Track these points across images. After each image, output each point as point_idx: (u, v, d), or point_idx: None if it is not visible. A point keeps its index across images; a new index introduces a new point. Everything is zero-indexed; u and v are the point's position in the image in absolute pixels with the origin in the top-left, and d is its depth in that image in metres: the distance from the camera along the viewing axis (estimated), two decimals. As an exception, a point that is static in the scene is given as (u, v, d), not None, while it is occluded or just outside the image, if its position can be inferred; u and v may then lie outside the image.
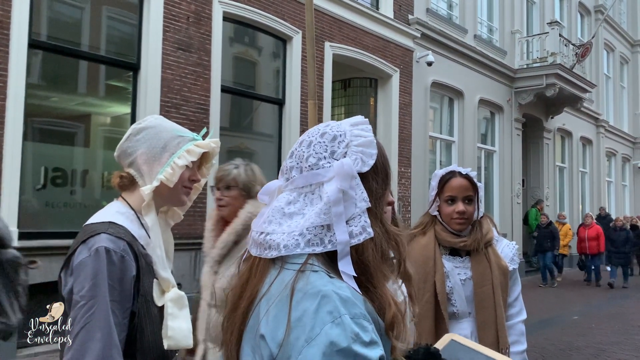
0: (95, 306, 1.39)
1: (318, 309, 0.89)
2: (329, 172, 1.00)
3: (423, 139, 11.58)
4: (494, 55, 13.92)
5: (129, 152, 1.63)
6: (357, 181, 1.01)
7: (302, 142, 1.07)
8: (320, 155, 1.03)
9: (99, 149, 7.00)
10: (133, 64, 6.95)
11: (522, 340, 2.20)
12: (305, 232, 0.98)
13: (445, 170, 2.17)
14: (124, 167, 1.66)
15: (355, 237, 0.98)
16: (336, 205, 0.97)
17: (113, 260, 1.44)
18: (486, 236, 2.12)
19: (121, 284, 1.45)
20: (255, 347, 0.96)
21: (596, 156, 19.87)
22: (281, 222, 1.01)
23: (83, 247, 1.47)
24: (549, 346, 6.95)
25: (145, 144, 1.61)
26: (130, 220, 1.58)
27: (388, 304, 1.00)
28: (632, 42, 23.24)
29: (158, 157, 1.60)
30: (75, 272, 1.45)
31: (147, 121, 1.67)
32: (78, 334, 1.38)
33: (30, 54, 6.00)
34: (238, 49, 8.79)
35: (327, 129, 1.06)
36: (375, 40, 10.41)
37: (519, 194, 14.92)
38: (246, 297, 1.01)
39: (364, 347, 0.88)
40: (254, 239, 1.04)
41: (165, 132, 1.63)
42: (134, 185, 1.63)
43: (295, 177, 1.04)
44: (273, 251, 0.99)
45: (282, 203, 1.03)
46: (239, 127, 8.75)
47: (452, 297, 2.08)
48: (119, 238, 1.49)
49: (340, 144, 1.04)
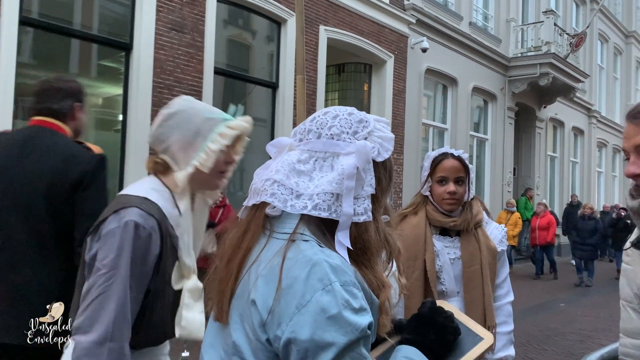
0: (114, 277, 1.40)
1: (309, 276, 0.91)
2: (349, 147, 1.03)
3: (416, 126, 11.59)
4: (489, 43, 13.91)
5: (162, 138, 1.62)
6: (370, 166, 1.04)
7: (327, 112, 1.09)
8: (344, 130, 1.05)
9: (91, 129, 6.95)
10: (125, 44, 6.88)
11: (509, 321, 2.24)
12: (315, 197, 1.00)
13: (438, 152, 2.19)
14: (157, 152, 1.66)
15: (357, 216, 1.01)
16: (349, 179, 1.00)
17: (140, 236, 1.45)
18: (476, 217, 2.14)
19: (143, 261, 1.46)
20: (245, 314, 0.97)
21: (587, 146, 19.99)
22: (289, 175, 1.02)
23: (114, 216, 1.48)
24: (535, 332, 7.04)
25: (178, 130, 1.60)
26: (164, 198, 1.58)
27: (382, 284, 1.03)
28: (626, 33, 23.28)
29: (191, 143, 1.59)
30: (102, 239, 1.45)
31: (177, 105, 1.65)
32: (93, 300, 1.39)
33: (21, 31, 5.92)
34: (232, 31, 8.73)
35: (355, 111, 1.10)
36: (370, 25, 10.36)
37: (510, 182, 15.01)
38: (243, 248, 1.03)
39: (354, 314, 0.90)
40: (256, 188, 1.05)
41: (196, 116, 1.61)
42: (168, 169, 1.63)
43: (312, 140, 1.06)
44: (277, 201, 1.00)
45: (293, 158, 1.05)
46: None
47: (441, 275, 2.11)
48: (150, 215, 1.50)
49: (364, 128, 1.07)
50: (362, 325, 0.90)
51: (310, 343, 0.88)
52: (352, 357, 0.89)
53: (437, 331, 1.11)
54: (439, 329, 1.11)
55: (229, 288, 1.02)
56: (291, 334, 0.89)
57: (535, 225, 12.19)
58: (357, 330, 0.89)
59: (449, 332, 1.12)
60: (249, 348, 0.95)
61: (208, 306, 1.08)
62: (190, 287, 1.58)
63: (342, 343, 0.88)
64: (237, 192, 8.44)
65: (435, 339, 1.10)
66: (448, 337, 1.12)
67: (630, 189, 1.43)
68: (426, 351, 1.07)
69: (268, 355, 0.93)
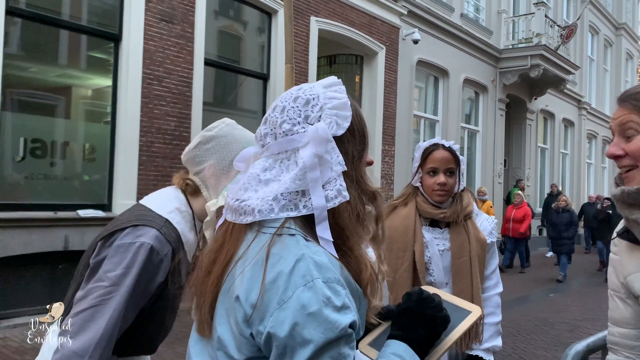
0: (114, 294, 1.38)
1: (292, 272, 0.90)
2: (304, 138, 1.00)
3: (407, 118, 11.59)
4: (480, 34, 13.92)
5: (197, 160, 1.59)
6: (332, 145, 1.00)
7: (275, 107, 1.05)
8: (294, 121, 1.02)
9: (80, 120, 6.89)
10: (115, 34, 6.82)
11: (497, 312, 2.24)
12: (280, 197, 0.97)
13: (429, 142, 2.19)
14: (190, 172, 1.63)
15: (331, 201, 0.98)
16: (312, 170, 0.97)
17: (152, 260, 1.42)
18: (466, 209, 2.15)
19: (147, 285, 1.44)
20: (230, 309, 0.96)
21: (577, 138, 20.11)
22: (257, 188, 1.01)
23: (132, 231, 1.44)
24: (524, 322, 7.11)
25: (215, 156, 1.57)
26: (185, 220, 1.56)
27: (364, 264, 1.01)
28: (616, 25, 23.37)
29: (226, 171, 1.56)
30: (114, 250, 1.42)
31: (218, 128, 1.61)
32: (86, 310, 1.37)
33: (8, 21, 5.85)
34: (222, 22, 8.67)
35: (300, 93, 1.05)
36: (362, 16, 10.33)
37: (501, 174, 15.08)
38: (220, 260, 1.01)
39: (334, 312, 0.89)
40: (230, 205, 1.03)
41: (235, 143, 1.58)
42: (197, 192, 1.60)
43: (270, 144, 1.03)
44: (248, 216, 0.99)
45: (257, 170, 1.03)
46: (222, 102, 8.65)
47: (430, 267, 2.11)
48: (168, 242, 1.47)
49: (313, 107, 1.03)
50: (342, 324, 0.88)
51: (289, 339, 0.87)
52: (332, 356, 0.87)
53: (426, 325, 1.08)
54: (427, 322, 1.09)
55: (208, 301, 1.00)
56: (271, 329, 0.88)
57: (511, 216, 11.62)
58: (337, 329, 0.87)
59: (438, 324, 1.10)
60: (233, 342, 0.94)
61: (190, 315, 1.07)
62: None
63: (321, 341, 0.86)
64: (228, 184, 8.42)
65: (425, 333, 1.08)
66: (438, 330, 1.10)
67: (616, 177, 1.43)
68: (416, 346, 1.05)
69: (251, 349, 0.93)
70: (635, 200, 1.32)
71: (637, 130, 1.32)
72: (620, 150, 1.34)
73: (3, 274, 5.65)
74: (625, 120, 1.33)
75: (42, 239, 5.90)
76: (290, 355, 0.87)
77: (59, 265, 5.95)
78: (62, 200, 6.29)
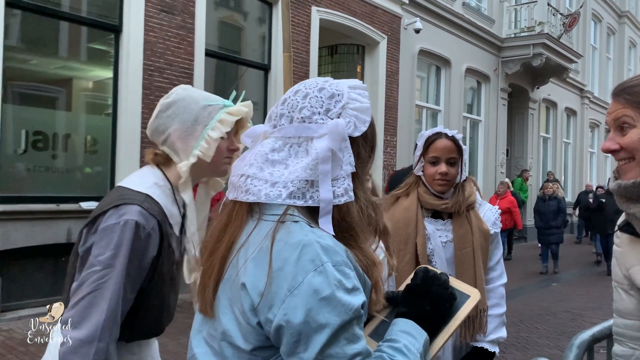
0: (109, 276, 1.37)
1: (300, 258, 0.90)
2: (321, 129, 1.00)
3: (409, 108, 11.55)
4: (482, 23, 13.83)
5: (160, 129, 1.58)
6: (347, 144, 1.00)
7: (297, 91, 1.05)
8: (315, 110, 1.01)
9: (81, 112, 6.88)
10: (115, 26, 6.78)
11: (501, 303, 2.23)
12: (289, 185, 0.97)
13: (432, 131, 2.16)
14: (157, 144, 1.62)
15: (337, 198, 0.98)
16: (324, 163, 0.97)
17: (139, 236, 1.41)
18: (468, 199, 2.12)
19: (140, 262, 1.43)
20: (234, 299, 0.96)
21: (580, 127, 20.03)
22: (263, 167, 1.00)
23: (114, 212, 1.43)
24: (527, 311, 7.12)
25: (176, 120, 1.56)
26: (165, 194, 1.55)
27: (372, 262, 1.02)
28: (619, 13, 23.19)
29: (191, 132, 1.55)
30: (100, 234, 1.41)
31: (175, 94, 1.60)
32: (85, 296, 1.36)
33: (8, 13, 5.82)
34: (223, 13, 8.62)
35: (326, 85, 1.04)
36: (363, 6, 10.26)
37: (503, 163, 15.05)
38: (225, 241, 1.01)
39: (346, 294, 0.89)
40: (233, 182, 1.03)
41: (194, 104, 1.58)
42: (169, 161, 1.59)
43: (285, 126, 1.02)
44: (252, 196, 0.98)
45: (266, 149, 1.02)
46: (223, 93, 8.54)
47: (433, 259, 2.09)
48: (151, 215, 1.46)
49: (337, 103, 1.03)
50: (355, 305, 0.90)
51: (304, 325, 0.87)
52: (346, 338, 0.89)
53: (432, 301, 1.09)
54: (433, 298, 1.09)
55: (212, 281, 1.00)
56: (284, 317, 0.88)
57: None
58: (351, 311, 0.89)
59: (444, 300, 1.11)
60: (239, 332, 0.94)
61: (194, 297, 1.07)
62: None
63: (336, 324, 0.87)
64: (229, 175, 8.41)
65: (431, 309, 1.08)
66: (443, 305, 1.10)
67: (614, 170, 1.43)
68: (423, 322, 1.06)
69: (259, 338, 0.93)
70: (631, 194, 1.33)
71: (632, 124, 1.32)
72: (616, 144, 1.34)
73: (6, 267, 5.66)
74: (619, 115, 1.34)
75: (44, 231, 5.91)
76: (306, 341, 0.88)
77: (61, 258, 5.96)
78: (64, 192, 6.29)
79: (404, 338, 1.02)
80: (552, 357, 4.88)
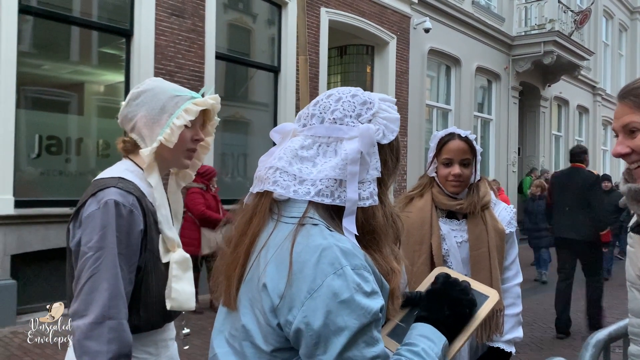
0: (102, 257, 1.40)
1: (319, 261, 0.91)
2: (352, 131, 1.02)
3: (419, 108, 11.52)
4: (492, 22, 13.76)
5: (129, 117, 1.64)
6: (375, 149, 1.03)
7: (330, 95, 1.08)
8: (347, 113, 1.04)
9: (93, 116, 6.94)
10: (126, 30, 6.84)
11: (517, 302, 2.21)
12: (318, 183, 0.99)
13: (445, 132, 2.16)
14: (127, 132, 1.67)
15: (362, 201, 0.99)
16: (353, 164, 0.99)
17: (122, 214, 1.45)
18: (483, 199, 2.12)
19: (128, 238, 1.46)
20: (255, 299, 0.97)
21: (592, 125, 19.87)
22: (292, 162, 1.02)
23: (92, 200, 1.48)
24: (540, 311, 7.07)
25: (144, 107, 1.61)
26: (139, 178, 1.59)
27: (392, 269, 1.03)
28: (631, 9, 22.98)
29: (157, 119, 1.60)
30: (84, 224, 1.46)
31: (146, 84, 1.66)
32: (85, 284, 1.39)
33: (21, 20, 5.88)
34: (232, 15, 8.65)
35: (359, 92, 1.08)
36: (372, 6, 10.25)
37: (515, 162, 14.96)
38: (249, 234, 1.03)
39: (365, 297, 0.90)
40: (259, 176, 1.05)
41: (163, 94, 1.62)
42: (138, 148, 1.64)
43: (315, 125, 1.05)
44: (280, 189, 1.00)
45: (295, 145, 1.04)
46: (234, 96, 8.65)
47: (448, 259, 2.09)
48: (129, 192, 1.50)
49: (368, 110, 1.05)
50: (374, 309, 0.90)
51: (323, 328, 0.88)
52: (365, 341, 0.89)
53: (451, 306, 1.10)
54: (453, 303, 1.10)
55: (237, 273, 1.02)
56: (303, 319, 0.88)
57: None
58: (370, 314, 0.89)
59: (464, 306, 1.11)
60: (259, 332, 0.95)
61: (216, 292, 1.08)
62: (177, 259, 1.59)
63: (355, 327, 0.88)
64: (239, 177, 8.44)
65: (450, 314, 1.09)
66: (463, 311, 1.11)
67: (624, 172, 1.43)
68: (442, 327, 1.06)
69: (278, 339, 0.94)
70: None
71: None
72: (627, 148, 1.35)
73: (22, 270, 5.72)
74: (627, 121, 1.34)
75: (59, 234, 5.96)
76: (325, 344, 0.88)
77: (76, 261, 6.01)
78: (77, 196, 6.25)
79: (423, 342, 1.02)
80: (567, 357, 4.83)
